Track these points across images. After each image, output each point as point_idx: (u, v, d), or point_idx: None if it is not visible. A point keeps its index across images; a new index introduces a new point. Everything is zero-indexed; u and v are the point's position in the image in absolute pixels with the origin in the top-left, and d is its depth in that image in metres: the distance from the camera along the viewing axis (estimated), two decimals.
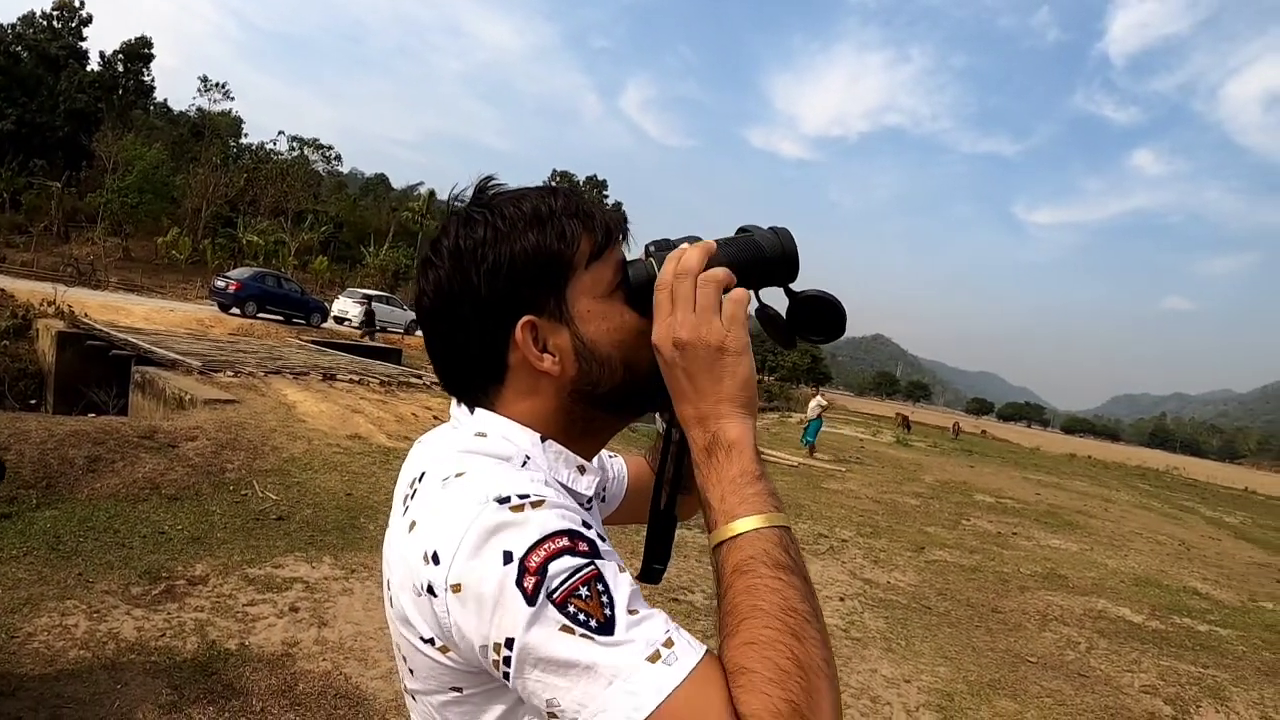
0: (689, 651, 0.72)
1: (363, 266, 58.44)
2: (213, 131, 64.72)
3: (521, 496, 0.77)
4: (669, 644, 0.72)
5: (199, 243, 47.79)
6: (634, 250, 0.99)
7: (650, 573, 1.05)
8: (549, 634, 0.71)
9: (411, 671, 0.87)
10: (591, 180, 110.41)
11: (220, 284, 28.51)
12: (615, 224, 0.95)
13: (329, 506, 7.23)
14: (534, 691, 0.73)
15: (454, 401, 0.97)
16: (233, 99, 72.41)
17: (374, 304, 35.51)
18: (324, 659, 4.54)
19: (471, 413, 0.93)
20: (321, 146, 78.50)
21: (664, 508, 1.05)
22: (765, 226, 0.96)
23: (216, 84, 70.26)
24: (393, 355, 23.43)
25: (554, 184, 0.96)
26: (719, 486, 0.83)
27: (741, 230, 0.98)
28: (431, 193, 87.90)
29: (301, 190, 62.08)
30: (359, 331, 28.49)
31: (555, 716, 0.72)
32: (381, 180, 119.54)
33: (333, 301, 35.30)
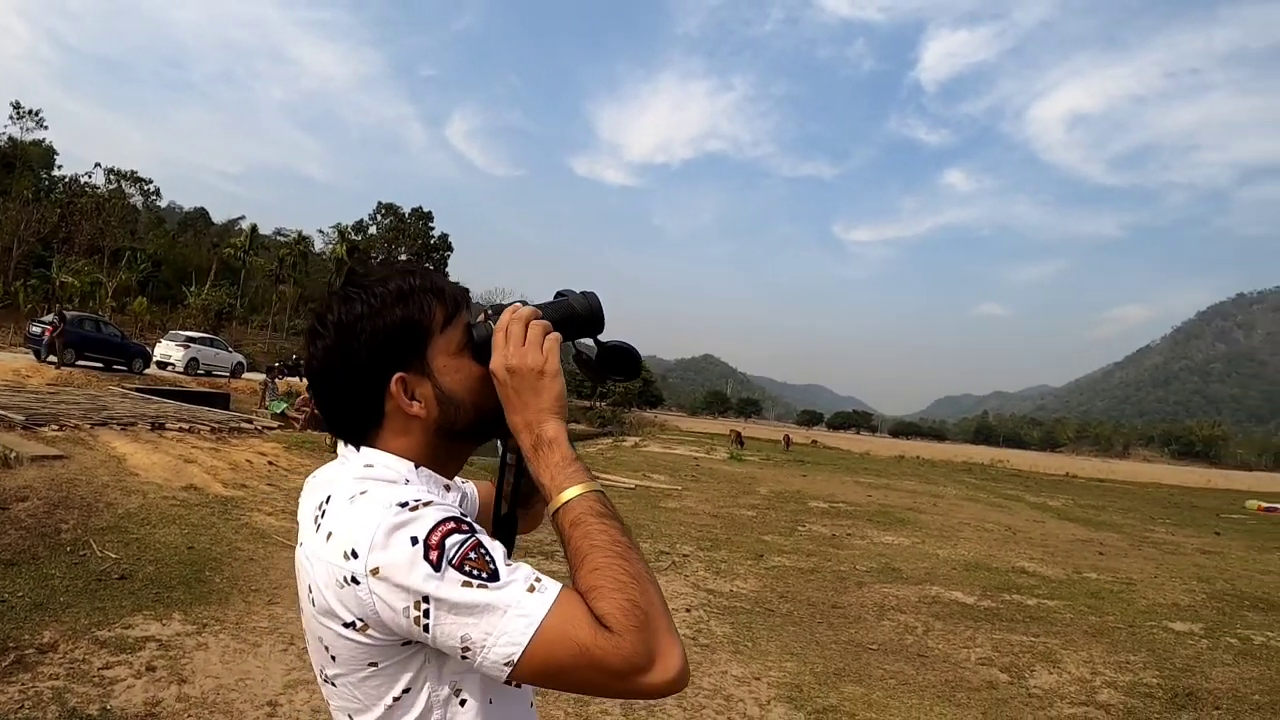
0: (553, 583, 1.02)
1: (184, 307, 55.90)
2: (24, 163, 60.55)
3: (415, 500, 1.03)
4: (538, 580, 1.01)
5: (10, 285, 44.72)
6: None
7: None
8: (454, 589, 0.97)
9: (334, 658, 1.10)
10: (417, 212, 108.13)
11: (36, 330, 26.68)
12: (461, 295, 1.22)
13: (171, 562, 7.02)
14: (449, 633, 0.98)
15: (340, 442, 1.22)
16: (46, 127, 68.13)
17: (198, 346, 34.03)
18: (189, 715, 4.44)
19: (358, 450, 1.18)
20: (140, 179, 74.73)
21: (505, 514, 1.34)
22: (578, 291, 1.27)
23: (30, 111, 65.91)
24: (220, 400, 22.55)
25: (411, 263, 1.23)
26: (548, 470, 1.12)
27: (559, 294, 1.28)
28: (254, 227, 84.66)
29: (119, 226, 58.95)
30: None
31: (469, 649, 0.98)
32: (201, 214, 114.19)
33: (155, 345, 33.66)
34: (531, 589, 0.99)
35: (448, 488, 1.23)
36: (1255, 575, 13.97)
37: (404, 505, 1.02)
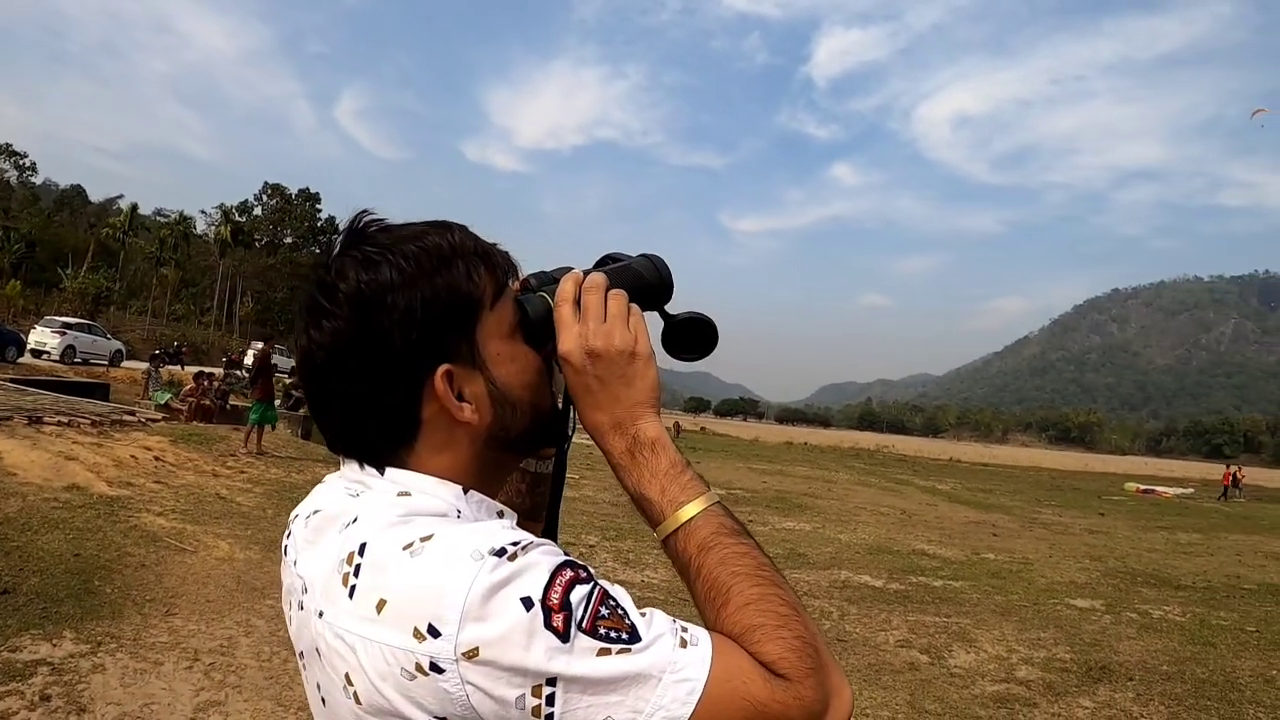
0: (699, 629, 0.77)
1: (60, 291, 53.45)
2: None
3: (514, 544, 0.74)
4: (684, 629, 0.76)
5: None
6: None
7: None
8: (589, 661, 0.70)
9: None
10: (304, 193, 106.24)
11: None
12: (508, 260, 0.93)
13: (57, 571, 6.50)
14: (585, 718, 0.71)
15: (350, 464, 0.89)
16: None
17: (75, 333, 32.60)
18: None
19: (380, 471, 0.86)
20: (16, 153, 71.03)
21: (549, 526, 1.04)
22: (636, 254, 1.01)
23: None
24: (100, 390, 21.47)
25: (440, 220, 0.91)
26: (656, 480, 0.86)
27: (608, 258, 1.01)
28: (134, 206, 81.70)
29: None
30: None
31: None
32: (78, 192, 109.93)
33: (29, 332, 32.03)
34: (684, 643, 0.74)
35: (501, 514, 0.89)
36: (1142, 553, 14.70)
37: (500, 553, 0.72)
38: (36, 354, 30.45)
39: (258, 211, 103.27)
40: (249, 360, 42.62)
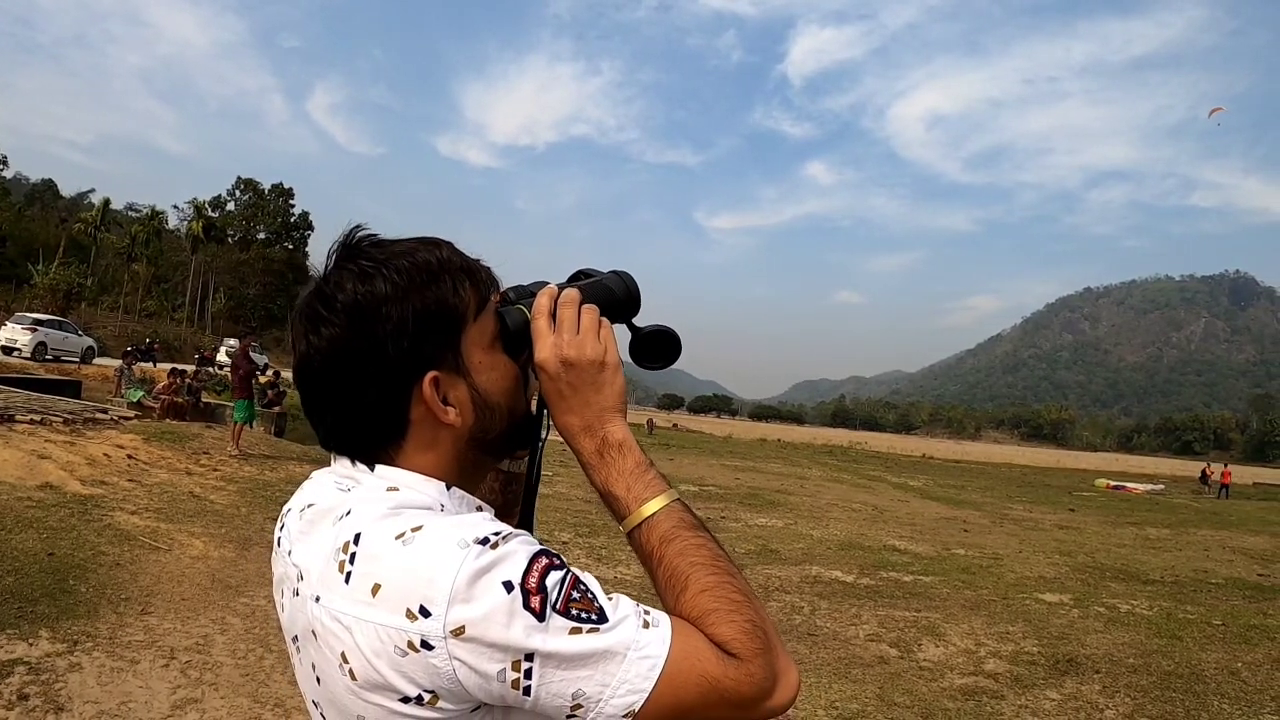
0: (660, 613, 0.87)
1: (31, 287, 52.76)
2: None
3: (496, 534, 0.83)
4: (647, 612, 0.86)
5: None
6: None
7: None
8: (562, 639, 0.80)
9: None
10: (278, 189, 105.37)
11: None
12: (490, 275, 1.02)
13: (32, 571, 6.47)
14: (558, 692, 0.80)
15: (342, 460, 0.97)
16: None
17: (47, 330, 32.21)
18: None
19: (371, 468, 0.94)
20: None
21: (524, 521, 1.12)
22: (606, 270, 1.11)
23: None
24: (72, 388, 21.27)
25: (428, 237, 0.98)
26: (622, 479, 0.96)
27: (580, 273, 1.12)
28: (106, 201, 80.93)
29: None
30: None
31: (581, 706, 0.81)
32: (49, 187, 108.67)
33: None
34: (646, 624, 0.84)
35: (480, 508, 0.98)
36: (1112, 548, 14.86)
37: (484, 542, 0.82)
38: (7, 351, 30.05)
39: (230, 207, 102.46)
40: (222, 357, 42.53)
